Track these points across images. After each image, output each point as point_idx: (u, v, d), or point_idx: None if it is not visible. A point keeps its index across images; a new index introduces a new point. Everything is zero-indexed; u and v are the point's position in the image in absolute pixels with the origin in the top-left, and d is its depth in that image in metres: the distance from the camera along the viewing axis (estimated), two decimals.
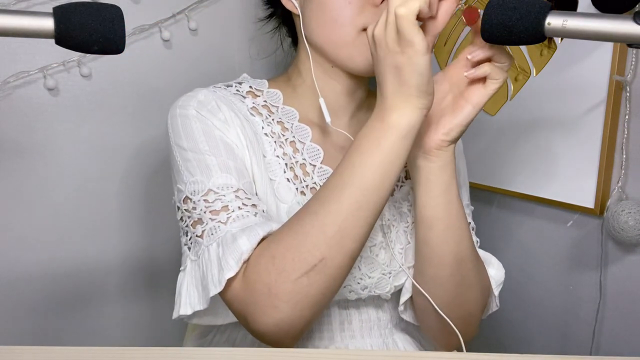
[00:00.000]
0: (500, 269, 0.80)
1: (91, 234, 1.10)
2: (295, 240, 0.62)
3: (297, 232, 0.63)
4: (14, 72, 1.00)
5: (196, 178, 0.69)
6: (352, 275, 0.74)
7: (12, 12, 0.51)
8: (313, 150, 0.77)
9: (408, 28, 0.58)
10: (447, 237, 0.71)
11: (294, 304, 0.62)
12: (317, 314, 0.65)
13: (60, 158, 1.06)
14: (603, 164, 0.85)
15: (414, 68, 0.59)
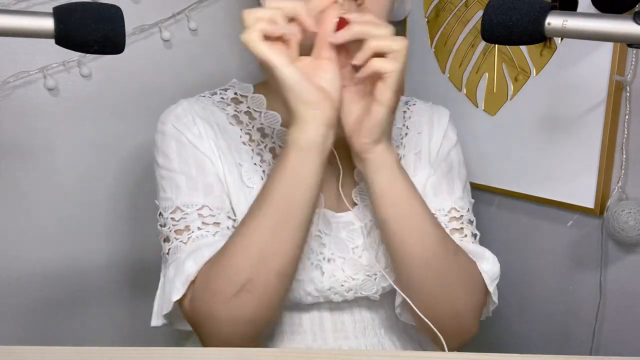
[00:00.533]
0: (494, 263, 0.78)
1: (91, 234, 1.10)
2: (225, 262, 0.65)
3: (226, 254, 0.65)
4: (14, 72, 1.00)
5: (167, 195, 0.73)
6: (335, 277, 0.75)
7: (12, 12, 0.51)
8: None
9: (255, 51, 0.59)
10: (404, 239, 0.69)
11: (233, 323, 0.65)
12: (262, 328, 0.68)
13: (60, 158, 1.06)
14: (603, 164, 0.85)
15: (281, 84, 0.60)
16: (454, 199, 0.81)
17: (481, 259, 0.77)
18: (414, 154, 0.83)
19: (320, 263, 0.75)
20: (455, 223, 0.80)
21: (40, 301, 1.09)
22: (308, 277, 0.75)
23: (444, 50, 1.10)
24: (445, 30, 1.09)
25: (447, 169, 0.83)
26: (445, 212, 0.80)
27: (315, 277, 0.75)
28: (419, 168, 0.82)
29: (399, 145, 0.83)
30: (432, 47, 1.12)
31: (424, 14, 1.13)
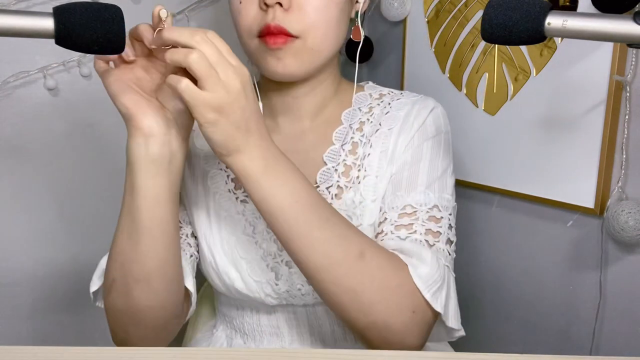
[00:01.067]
0: (435, 269, 0.67)
1: (91, 234, 1.10)
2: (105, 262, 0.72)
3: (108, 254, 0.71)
4: (14, 72, 1.00)
5: None
6: (292, 281, 0.75)
7: (12, 12, 0.51)
8: None
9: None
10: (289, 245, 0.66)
11: (113, 319, 0.72)
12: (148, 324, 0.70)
13: (60, 158, 1.06)
14: (603, 164, 0.85)
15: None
16: (412, 194, 0.73)
17: (417, 260, 0.68)
18: (380, 152, 0.77)
19: (278, 266, 0.76)
20: (405, 219, 0.72)
21: (40, 301, 1.09)
22: (264, 279, 0.76)
23: (444, 50, 1.10)
24: (445, 30, 1.09)
25: (412, 161, 0.76)
26: (398, 210, 0.73)
27: (270, 280, 0.76)
28: (385, 168, 0.77)
29: (367, 142, 0.78)
30: (432, 47, 1.12)
31: (424, 14, 1.13)
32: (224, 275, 0.77)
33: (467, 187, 1.08)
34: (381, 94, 0.85)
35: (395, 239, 0.71)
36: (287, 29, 0.70)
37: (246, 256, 0.77)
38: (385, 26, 1.26)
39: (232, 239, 0.77)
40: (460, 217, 0.80)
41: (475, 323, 1.12)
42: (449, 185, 0.77)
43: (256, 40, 0.72)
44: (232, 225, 0.78)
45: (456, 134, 1.08)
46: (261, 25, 0.71)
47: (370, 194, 0.76)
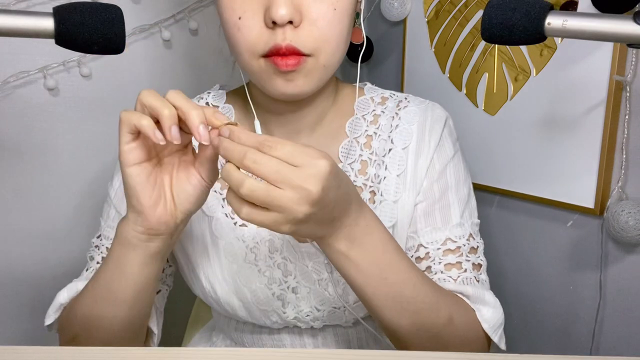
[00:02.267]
0: (497, 309, 0.68)
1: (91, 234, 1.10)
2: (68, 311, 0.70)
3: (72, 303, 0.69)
4: (14, 72, 1.00)
5: (102, 218, 0.77)
6: (299, 308, 0.72)
7: (12, 12, 0.51)
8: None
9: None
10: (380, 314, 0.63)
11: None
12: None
13: (60, 158, 1.06)
14: (603, 164, 0.85)
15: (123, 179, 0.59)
16: (450, 227, 0.71)
17: (482, 304, 0.68)
18: (397, 176, 0.72)
19: (285, 293, 0.72)
20: (451, 257, 0.70)
21: (41, 301, 1.09)
22: (271, 308, 0.72)
23: (444, 50, 1.10)
24: (445, 30, 1.09)
25: (441, 192, 0.73)
26: (439, 245, 0.71)
27: (277, 309, 0.72)
28: (402, 192, 0.72)
29: (380, 164, 0.73)
30: (432, 47, 1.12)
31: (424, 14, 1.13)
32: (225, 305, 0.74)
33: None
34: (383, 98, 0.79)
35: (451, 281, 0.69)
36: (300, 48, 0.63)
37: (250, 285, 0.72)
38: (385, 26, 1.26)
39: (234, 267, 0.72)
40: None
41: None
42: (474, 207, 0.76)
43: (261, 60, 0.64)
44: (232, 253, 0.72)
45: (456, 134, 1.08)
46: (269, 45, 0.63)
47: (387, 220, 0.72)
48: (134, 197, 0.57)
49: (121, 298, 0.63)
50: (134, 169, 0.55)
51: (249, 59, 0.65)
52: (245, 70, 0.68)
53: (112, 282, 0.63)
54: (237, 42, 0.65)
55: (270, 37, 0.63)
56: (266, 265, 0.72)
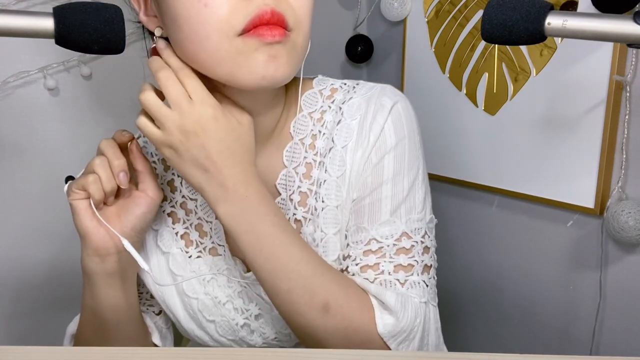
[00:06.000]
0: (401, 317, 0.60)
1: None
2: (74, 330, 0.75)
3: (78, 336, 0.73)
4: (14, 72, 1.00)
5: None
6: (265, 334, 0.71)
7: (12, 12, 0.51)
8: (205, 204, 0.70)
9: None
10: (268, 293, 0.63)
11: None
12: None
13: (60, 158, 1.06)
14: (603, 164, 0.85)
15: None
16: (376, 226, 0.64)
17: (383, 309, 0.61)
18: (337, 178, 0.65)
19: (248, 321, 0.70)
20: (371, 258, 0.63)
21: (41, 301, 1.09)
22: (237, 337, 0.71)
23: (444, 50, 1.10)
24: (445, 30, 1.09)
25: (373, 187, 0.64)
26: (362, 246, 0.64)
27: (245, 337, 0.71)
28: (343, 194, 0.65)
29: (320, 165, 0.66)
30: (432, 47, 1.12)
31: (424, 14, 1.13)
32: (194, 337, 0.73)
33: (467, 187, 1.08)
34: (333, 90, 0.69)
35: (364, 282, 0.63)
36: (286, 17, 0.55)
37: (213, 318, 0.70)
38: (385, 26, 1.26)
39: (194, 302, 0.70)
40: (460, 218, 0.80)
41: (475, 323, 1.12)
42: (417, 202, 0.65)
43: (237, 40, 0.55)
44: (191, 288, 0.70)
45: (456, 134, 1.08)
46: (250, 15, 0.54)
47: (332, 227, 0.66)
48: (77, 225, 0.63)
49: (102, 320, 0.67)
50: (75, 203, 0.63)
51: (219, 41, 0.55)
52: (209, 59, 0.57)
53: (91, 307, 0.68)
54: (203, 21, 0.54)
55: (248, 7, 0.54)
56: (226, 295, 0.70)
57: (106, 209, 0.65)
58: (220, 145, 0.58)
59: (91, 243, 0.64)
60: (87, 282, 0.67)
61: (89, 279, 0.66)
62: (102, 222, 0.63)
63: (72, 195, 0.63)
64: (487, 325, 1.11)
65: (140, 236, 0.66)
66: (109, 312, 0.67)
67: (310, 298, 0.59)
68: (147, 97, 0.60)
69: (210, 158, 0.58)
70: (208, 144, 0.57)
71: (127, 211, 0.64)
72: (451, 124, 1.08)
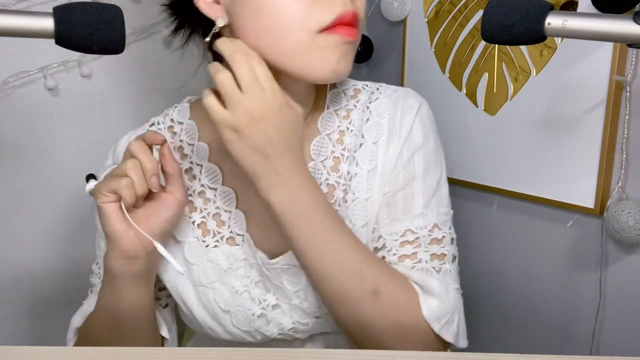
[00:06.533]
0: (445, 300, 0.65)
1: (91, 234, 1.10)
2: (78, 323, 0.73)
3: (90, 331, 0.72)
4: (14, 72, 1.00)
5: (95, 245, 0.77)
6: (282, 325, 0.71)
7: (12, 12, 0.51)
8: (225, 194, 0.71)
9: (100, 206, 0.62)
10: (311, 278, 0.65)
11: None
12: None
13: (60, 158, 1.06)
14: (603, 164, 0.85)
15: (99, 217, 0.64)
16: (410, 217, 0.68)
17: (427, 293, 0.65)
18: (368, 172, 0.69)
19: (265, 311, 0.71)
20: (407, 248, 0.67)
21: (40, 301, 1.09)
22: (253, 328, 0.71)
23: (444, 50, 1.10)
24: (445, 30, 1.09)
25: (406, 181, 0.69)
26: (397, 237, 0.68)
27: (260, 328, 0.71)
28: (373, 188, 0.69)
29: (351, 159, 0.70)
30: (432, 47, 1.12)
31: (424, 14, 1.13)
32: (206, 329, 0.73)
33: (467, 187, 1.08)
34: (356, 90, 0.75)
35: (404, 270, 0.67)
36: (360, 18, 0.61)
37: (229, 308, 0.70)
38: (385, 26, 1.26)
39: (209, 292, 0.70)
40: (460, 217, 0.80)
41: (475, 323, 1.12)
42: (444, 196, 0.71)
43: (318, 36, 0.60)
44: (207, 277, 0.71)
45: (456, 134, 1.08)
46: (334, 14, 0.59)
47: (360, 219, 0.69)
48: (107, 228, 0.63)
49: (123, 319, 0.67)
50: (106, 206, 0.62)
51: (301, 35, 0.59)
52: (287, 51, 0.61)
53: (111, 306, 0.67)
54: (290, 15, 0.59)
55: (332, 6, 0.59)
56: (243, 285, 0.71)
57: (135, 212, 0.64)
58: (281, 134, 0.59)
59: (121, 246, 0.63)
60: (110, 282, 0.67)
61: (113, 280, 0.66)
62: (135, 227, 0.63)
63: (101, 198, 0.62)
64: (487, 325, 1.11)
65: (166, 238, 0.67)
66: (131, 312, 0.67)
67: (360, 283, 0.62)
68: (225, 77, 0.58)
69: (272, 145, 0.59)
70: (271, 131, 0.58)
71: (156, 214, 0.65)
72: (451, 124, 1.08)
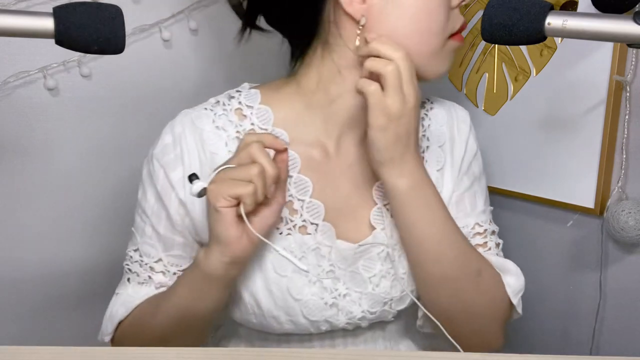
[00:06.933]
0: (519, 276, 0.75)
1: (91, 234, 1.10)
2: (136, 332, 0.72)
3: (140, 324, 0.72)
4: (14, 72, 1.00)
5: (136, 229, 0.76)
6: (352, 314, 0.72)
7: (12, 12, 0.51)
8: (301, 182, 0.72)
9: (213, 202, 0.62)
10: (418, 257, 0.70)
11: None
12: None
13: (60, 158, 1.06)
14: (603, 164, 0.85)
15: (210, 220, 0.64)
16: (477, 213, 0.79)
17: (506, 272, 0.75)
18: (437, 171, 0.77)
19: (337, 300, 0.72)
20: (478, 238, 0.78)
21: (40, 301, 1.09)
22: (322, 318, 0.71)
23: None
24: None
25: (469, 183, 0.80)
26: (469, 229, 0.77)
27: (331, 317, 0.72)
28: (443, 186, 0.77)
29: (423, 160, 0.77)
30: None
31: None
32: (270, 320, 0.72)
33: None
34: None
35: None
36: None
37: (301, 297, 0.70)
38: None
39: (283, 281, 0.70)
40: None
41: None
42: (488, 197, 0.83)
43: (449, 41, 0.71)
44: (281, 266, 0.70)
45: None
46: (459, 23, 0.71)
47: None
48: (222, 233, 0.62)
49: (196, 320, 0.68)
50: (226, 211, 0.61)
51: (439, 39, 0.69)
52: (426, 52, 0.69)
53: (189, 307, 0.68)
54: (443, 20, 0.68)
55: (457, 15, 0.71)
56: (315, 274, 0.71)
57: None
58: (415, 129, 0.67)
59: (233, 252, 0.64)
60: (197, 283, 0.67)
61: (205, 282, 0.66)
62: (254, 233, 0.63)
63: (222, 202, 0.61)
64: None
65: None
66: (207, 312, 0.69)
67: (467, 264, 0.70)
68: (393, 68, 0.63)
69: (410, 137, 0.66)
70: (412, 125, 0.65)
71: (263, 218, 0.65)
72: None
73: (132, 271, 0.75)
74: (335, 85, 0.71)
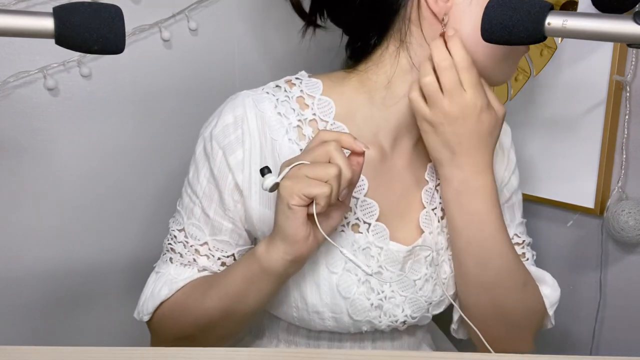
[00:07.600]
0: (555, 288, 0.77)
1: (91, 234, 1.10)
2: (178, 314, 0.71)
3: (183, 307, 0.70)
4: (14, 72, 1.00)
5: (182, 209, 0.74)
6: (395, 317, 0.72)
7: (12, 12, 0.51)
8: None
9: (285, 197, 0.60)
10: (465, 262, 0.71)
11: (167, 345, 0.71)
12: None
13: (60, 158, 1.06)
14: (603, 164, 0.85)
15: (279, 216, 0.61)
16: (515, 225, 0.80)
17: (543, 283, 0.77)
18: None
19: (382, 302, 0.71)
20: (517, 249, 0.77)
21: (40, 301, 1.09)
22: (366, 319, 0.71)
23: None
24: None
25: (509, 195, 0.81)
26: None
27: (374, 318, 0.71)
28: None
29: None
30: None
31: None
32: (314, 316, 0.70)
33: None
34: None
35: None
36: None
37: (349, 296, 0.69)
38: None
39: (333, 277, 0.69)
40: None
41: None
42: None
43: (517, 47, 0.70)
44: (333, 262, 0.69)
45: None
46: None
47: None
48: (291, 231, 0.60)
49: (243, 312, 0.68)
50: (299, 210, 0.60)
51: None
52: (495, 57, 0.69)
53: (240, 297, 0.67)
54: None
55: None
56: (364, 274, 0.70)
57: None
58: (473, 136, 0.66)
59: (298, 251, 0.62)
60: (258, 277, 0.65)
61: (264, 276, 0.65)
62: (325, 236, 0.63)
63: (296, 200, 0.59)
64: None
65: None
66: (259, 306, 0.69)
67: (517, 273, 0.71)
68: (429, 81, 0.65)
69: (461, 144, 0.66)
70: (463, 132, 0.65)
71: (330, 220, 0.64)
72: None
73: (176, 251, 0.73)
74: (404, 84, 0.70)
